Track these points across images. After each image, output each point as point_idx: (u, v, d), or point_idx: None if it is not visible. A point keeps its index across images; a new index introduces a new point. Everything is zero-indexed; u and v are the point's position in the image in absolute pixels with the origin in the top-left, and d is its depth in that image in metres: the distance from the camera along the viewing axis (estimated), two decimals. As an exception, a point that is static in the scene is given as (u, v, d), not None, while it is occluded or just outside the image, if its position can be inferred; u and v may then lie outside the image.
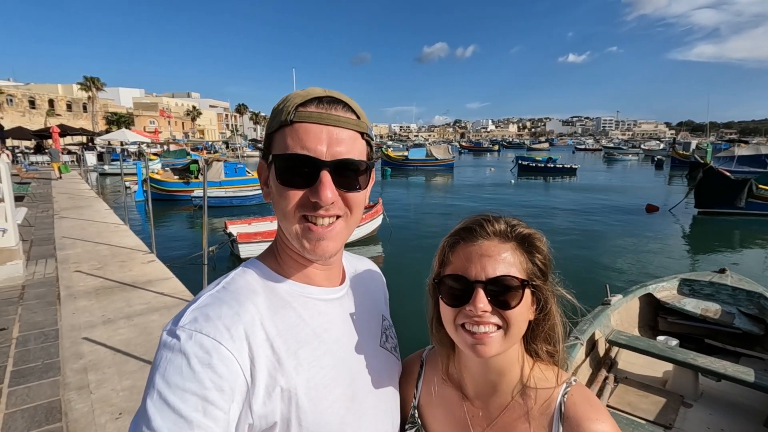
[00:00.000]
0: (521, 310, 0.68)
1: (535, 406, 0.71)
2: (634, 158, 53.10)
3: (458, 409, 0.78)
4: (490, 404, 0.75)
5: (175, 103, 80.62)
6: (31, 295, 4.93)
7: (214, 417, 0.53)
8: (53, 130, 29.21)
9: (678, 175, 30.51)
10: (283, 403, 0.60)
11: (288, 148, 0.63)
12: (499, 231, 0.70)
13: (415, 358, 0.90)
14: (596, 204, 17.46)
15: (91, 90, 48.80)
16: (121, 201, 11.99)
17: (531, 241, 0.71)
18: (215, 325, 0.58)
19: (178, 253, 9.06)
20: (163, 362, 0.55)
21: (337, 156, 0.64)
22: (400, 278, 8.23)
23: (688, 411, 2.77)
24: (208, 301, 0.62)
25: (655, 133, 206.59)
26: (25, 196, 11.96)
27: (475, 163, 47.22)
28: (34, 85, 54.84)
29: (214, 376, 0.54)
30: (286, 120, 0.64)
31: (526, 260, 0.70)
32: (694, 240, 12.35)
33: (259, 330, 0.62)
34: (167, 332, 0.58)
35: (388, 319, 0.89)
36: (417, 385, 0.85)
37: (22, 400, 2.94)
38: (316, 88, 0.67)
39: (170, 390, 0.52)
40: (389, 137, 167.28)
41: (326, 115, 0.64)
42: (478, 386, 0.77)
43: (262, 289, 0.67)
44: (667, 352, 2.81)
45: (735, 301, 3.77)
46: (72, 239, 7.56)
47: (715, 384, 2.98)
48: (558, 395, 0.71)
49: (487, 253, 0.68)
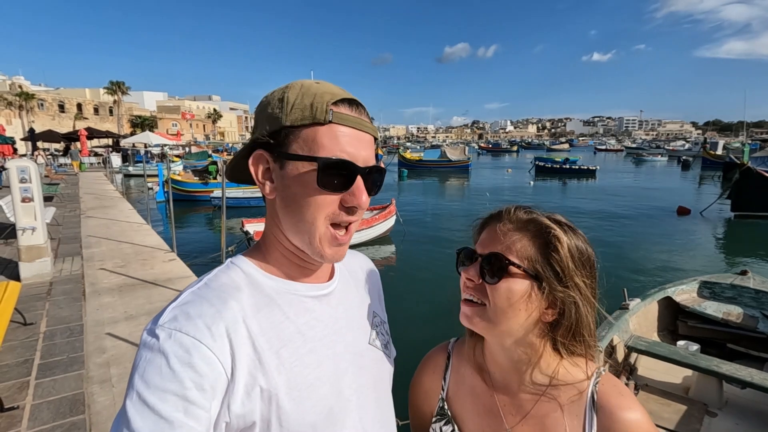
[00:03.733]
0: (505, 294, 0.69)
1: (565, 396, 0.72)
2: (663, 159, 51.52)
3: (488, 399, 0.78)
4: (521, 395, 0.75)
5: (197, 106, 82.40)
6: (58, 291, 5.11)
7: (195, 416, 0.52)
8: (81, 133, 30.28)
9: (709, 176, 29.44)
10: (263, 403, 0.59)
11: (325, 150, 0.62)
12: (516, 219, 0.73)
13: (440, 350, 0.90)
14: (624, 206, 16.99)
15: (116, 94, 50.38)
16: (144, 201, 12.33)
17: (548, 239, 0.69)
18: (195, 324, 0.56)
19: (198, 252, 9.26)
20: (142, 362, 0.54)
21: (368, 162, 0.65)
22: (412, 279, 8.28)
23: (713, 420, 2.66)
24: (189, 298, 0.60)
25: (681, 133, 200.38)
26: (54, 196, 12.42)
27: (492, 164, 46.66)
28: (64, 89, 56.95)
29: (195, 376, 0.53)
30: (324, 119, 0.62)
31: (538, 254, 0.69)
32: (728, 244, 11.90)
33: (241, 328, 0.60)
34: (147, 331, 0.57)
35: (380, 316, 0.86)
36: (445, 377, 0.85)
37: (48, 392, 3.04)
38: (330, 85, 0.66)
39: (150, 391, 0.52)
40: (406, 138, 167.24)
41: (359, 120, 0.65)
42: (505, 376, 0.77)
43: (246, 286, 0.66)
44: (689, 359, 2.71)
45: (758, 305, 3.64)
46: (97, 238, 7.81)
47: (740, 392, 2.86)
48: (589, 385, 0.71)
49: (497, 234, 0.72)
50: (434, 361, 0.88)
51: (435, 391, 0.85)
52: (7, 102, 38.12)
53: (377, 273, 0.94)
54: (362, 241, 10.24)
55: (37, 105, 42.82)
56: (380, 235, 10.93)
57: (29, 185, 5.44)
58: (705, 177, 29.55)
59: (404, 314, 6.33)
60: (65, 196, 13.42)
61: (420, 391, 0.89)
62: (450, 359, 0.86)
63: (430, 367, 0.87)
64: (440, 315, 6.28)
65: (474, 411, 0.79)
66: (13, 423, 2.72)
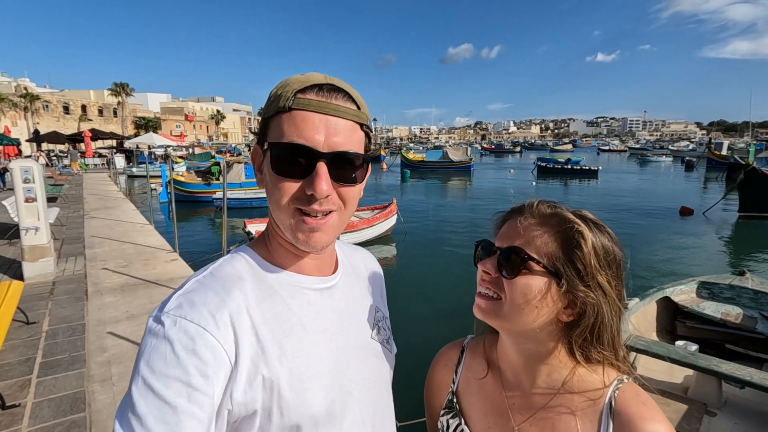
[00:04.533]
0: (522, 290, 0.66)
1: (581, 399, 0.68)
2: (668, 159, 51.16)
3: (497, 397, 0.77)
4: (531, 395, 0.73)
5: (200, 107, 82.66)
6: (61, 290, 5.14)
7: (198, 402, 0.53)
8: (85, 134, 30.47)
9: (714, 177, 29.20)
10: (264, 392, 0.60)
11: (284, 136, 0.61)
12: (539, 213, 0.70)
13: (455, 346, 0.90)
14: (627, 206, 16.94)
15: (120, 95, 50.60)
16: (147, 202, 12.38)
17: (571, 235, 0.66)
18: (200, 311, 0.57)
19: (200, 252, 9.29)
20: (147, 348, 0.55)
21: (334, 147, 0.62)
22: (412, 278, 8.28)
23: (713, 420, 2.65)
24: (195, 287, 0.62)
25: (685, 133, 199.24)
26: (58, 197, 12.51)
27: (495, 165, 46.59)
28: (68, 91, 57.25)
29: (199, 362, 0.54)
30: (284, 106, 0.62)
31: (559, 251, 0.66)
32: (731, 245, 11.83)
33: (244, 317, 0.61)
34: (153, 318, 0.58)
35: (382, 311, 0.86)
36: (456, 371, 0.85)
37: (49, 390, 3.07)
38: (316, 74, 0.65)
39: (154, 376, 0.52)
40: (409, 139, 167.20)
41: (325, 104, 0.62)
42: (516, 375, 0.76)
43: (249, 277, 0.66)
44: (689, 359, 2.70)
45: (757, 305, 3.64)
46: (100, 238, 7.85)
47: (738, 392, 2.86)
48: (608, 391, 0.67)
49: (518, 227, 0.70)
50: (447, 355, 0.88)
51: (446, 384, 0.85)
52: (13, 103, 38.39)
53: (380, 269, 0.94)
54: (363, 240, 10.29)
55: (42, 106, 43.08)
56: (381, 234, 11.01)
57: (32, 185, 5.49)
58: (710, 178, 29.34)
59: (404, 313, 6.33)
60: (69, 196, 13.50)
61: (432, 384, 0.89)
62: (463, 354, 0.87)
63: (443, 361, 0.88)
64: (441, 315, 6.29)
65: (482, 407, 0.78)
66: (14, 420, 2.74)
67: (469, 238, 10.97)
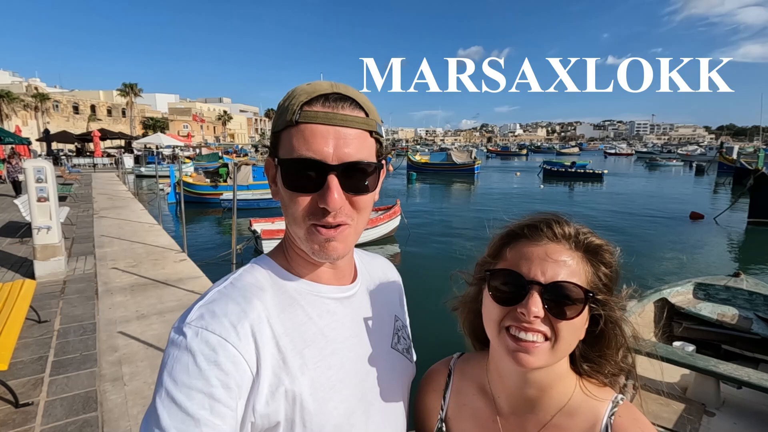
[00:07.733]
0: (577, 325, 0.62)
1: (577, 426, 0.65)
2: (679, 164, 50.48)
3: (491, 425, 0.72)
4: (527, 422, 0.69)
5: (208, 108, 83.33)
6: (72, 289, 5.19)
7: (221, 414, 0.53)
8: (94, 134, 30.83)
9: (724, 182, 29.04)
10: (287, 403, 0.59)
11: (294, 151, 0.61)
12: (567, 235, 0.65)
13: (441, 367, 0.84)
14: (636, 211, 16.78)
15: (129, 96, 51.13)
16: (155, 202, 12.47)
17: (600, 253, 0.64)
18: (221, 322, 0.57)
19: (208, 253, 9.34)
20: (170, 360, 0.55)
21: (344, 158, 0.61)
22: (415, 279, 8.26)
23: (712, 420, 2.68)
24: (215, 297, 0.62)
25: (693, 137, 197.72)
26: (68, 196, 12.63)
27: (501, 168, 46.49)
28: (78, 91, 57.91)
29: (221, 374, 0.54)
30: (291, 120, 0.61)
31: (593, 273, 0.64)
32: (740, 250, 11.75)
33: (265, 327, 0.61)
34: (175, 330, 0.58)
35: (401, 320, 0.85)
36: (444, 396, 0.79)
37: (62, 389, 3.09)
38: (322, 83, 0.64)
39: (177, 388, 0.53)
40: (415, 141, 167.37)
41: (332, 115, 0.61)
42: (514, 401, 0.70)
43: (270, 286, 0.66)
44: (687, 359, 2.72)
45: (752, 306, 3.67)
46: (110, 237, 7.92)
47: (736, 392, 2.88)
48: (604, 415, 0.65)
49: (551, 256, 0.63)
50: (434, 378, 0.83)
51: (435, 409, 0.80)
52: (24, 103, 38.90)
53: (398, 276, 0.93)
54: (366, 240, 10.38)
55: (52, 106, 43.60)
56: (385, 235, 11.17)
57: (45, 185, 5.55)
58: (721, 183, 29.05)
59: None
60: (79, 196, 13.64)
61: (421, 409, 0.84)
62: (451, 377, 0.81)
63: (431, 385, 0.83)
64: (441, 316, 6.24)
65: None
66: (27, 419, 2.77)
67: (470, 238, 10.91)
